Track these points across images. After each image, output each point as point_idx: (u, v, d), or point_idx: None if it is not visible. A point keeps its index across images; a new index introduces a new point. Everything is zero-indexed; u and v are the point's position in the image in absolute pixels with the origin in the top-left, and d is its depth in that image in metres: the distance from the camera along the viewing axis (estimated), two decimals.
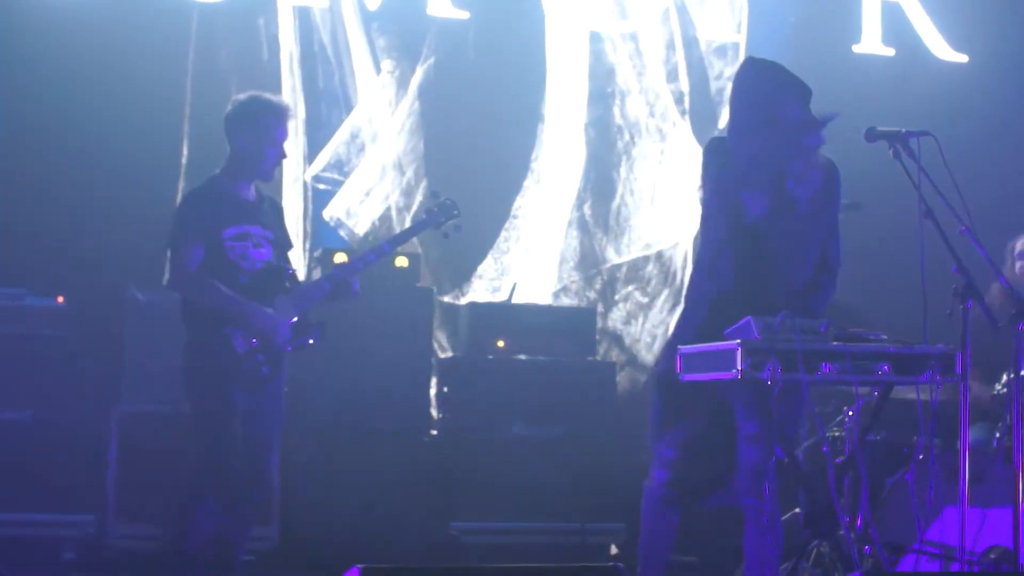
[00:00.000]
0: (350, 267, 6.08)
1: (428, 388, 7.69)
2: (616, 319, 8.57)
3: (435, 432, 7.58)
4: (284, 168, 7.59)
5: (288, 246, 6.07)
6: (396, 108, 8.28)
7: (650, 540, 5.25)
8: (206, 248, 5.71)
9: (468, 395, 7.56)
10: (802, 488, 5.26)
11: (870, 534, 5.46)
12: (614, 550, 7.40)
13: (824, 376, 4.87)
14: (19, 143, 7.44)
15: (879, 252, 7.90)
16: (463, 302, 8.17)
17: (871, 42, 9.02)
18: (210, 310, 5.67)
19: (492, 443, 7.41)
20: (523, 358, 7.67)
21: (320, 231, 8.08)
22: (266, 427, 5.82)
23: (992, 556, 5.53)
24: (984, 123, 8.78)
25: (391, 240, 6.27)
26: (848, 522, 5.52)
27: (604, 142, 8.65)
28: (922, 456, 5.53)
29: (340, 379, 7.23)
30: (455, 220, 6.34)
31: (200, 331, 5.71)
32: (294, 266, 6.11)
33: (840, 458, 6.15)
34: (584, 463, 7.34)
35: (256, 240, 5.81)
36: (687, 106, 8.75)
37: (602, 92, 8.64)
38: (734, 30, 8.88)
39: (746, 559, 4.99)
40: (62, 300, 7.02)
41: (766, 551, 4.86)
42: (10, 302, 6.92)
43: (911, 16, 9.07)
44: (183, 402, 5.89)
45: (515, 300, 8.20)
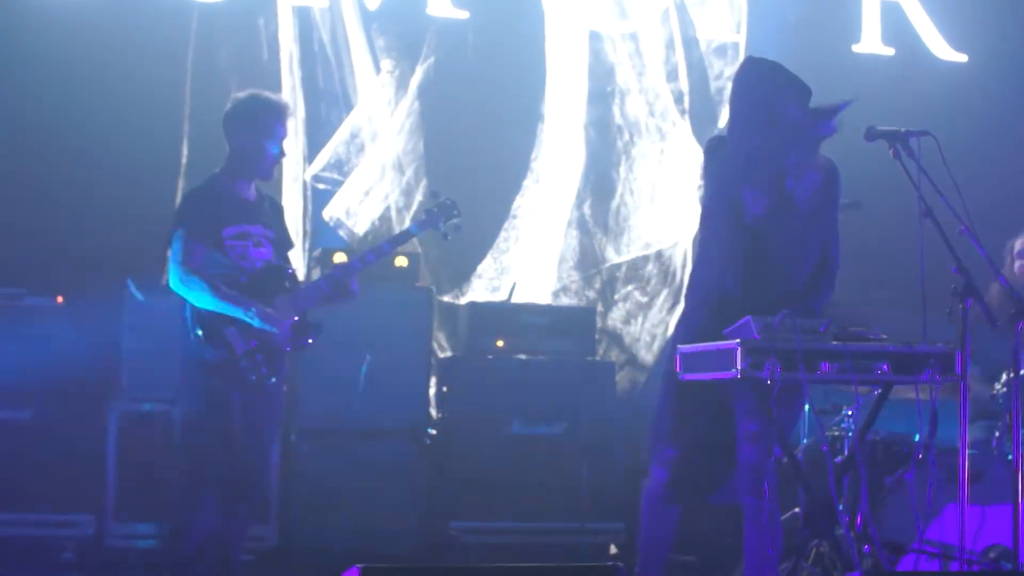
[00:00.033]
0: (349, 268, 6.05)
1: (427, 388, 7.69)
2: (616, 319, 8.57)
3: (435, 432, 7.57)
4: (284, 168, 7.60)
5: (289, 246, 6.06)
6: (396, 108, 8.28)
7: (650, 539, 5.25)
8: (206, 247, 5.70)
9: (468, 395, 7.55)
10: (801, 487, 5.26)
11: (870, 533, 5.46)
12: (614, 550, 7.40)
13: (824, 375, 4.88)
14: (19, 143, 7.45)
15: (879, 252, 7.91)
16: (463, 302, 8.17)
17: (871, 42, 9.02)
18: (210, 310, 5.66)
19: (492, 443, 7.40)
20: (523, 358, 7.67)
21: (320, 231, 8.07)
22: (265, 427, 5.80)
23: (991, 555, 5.53)
24: (984, 123, 8.78)
25: (391, 240, 6.23)
26: (848, 521, 5.52)
27: (604, 142, 8.64)
28: (922, 456, 5.53)
29: (340, 379, 7.23)
30: (455, 220, 6.33)
31: (199, 331, 5.69)
32: (294, 266, 6.10)
33: (839, 457, 6.17)
34: (584, 463, 7.34)
35: (256, 239, 5.79)
36: (687, 106, 8.75)
37: (602, 92, 8.63)
38: (734, 30, 8.88)
39: (746, 558, 4.99)
40: (61, 300, 7.02)
41: (766, 550, 4.86)
42: (10, 302, 6.92)
43: (911, 16, 9.07)
44: (182, 402, 5.88)
45: (515, 300, 8.18)
